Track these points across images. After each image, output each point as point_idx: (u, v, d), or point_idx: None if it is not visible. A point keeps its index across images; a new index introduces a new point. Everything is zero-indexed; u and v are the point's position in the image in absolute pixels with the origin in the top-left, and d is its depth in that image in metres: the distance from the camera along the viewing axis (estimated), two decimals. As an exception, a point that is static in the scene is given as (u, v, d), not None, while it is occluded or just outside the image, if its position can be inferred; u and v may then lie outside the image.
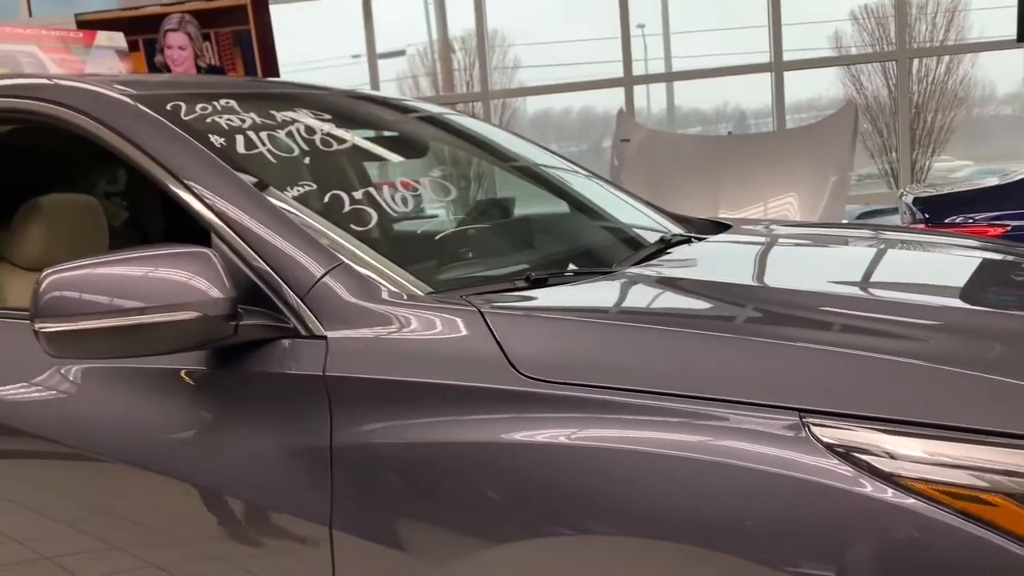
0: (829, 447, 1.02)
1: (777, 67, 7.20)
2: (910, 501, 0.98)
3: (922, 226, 3.62)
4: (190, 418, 1.40)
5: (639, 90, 7.87)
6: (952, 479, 0.98)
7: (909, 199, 3.96)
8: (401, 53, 11.74)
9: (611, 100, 8.67)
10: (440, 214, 2.04)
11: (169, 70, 4.86)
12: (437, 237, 1.74)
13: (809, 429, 1.04)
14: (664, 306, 1.40)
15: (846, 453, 1.01)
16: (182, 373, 1.41)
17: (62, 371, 1.53)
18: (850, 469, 1.00)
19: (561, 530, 1.12)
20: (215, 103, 1.70)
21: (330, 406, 1.28)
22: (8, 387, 1.59)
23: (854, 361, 1.10)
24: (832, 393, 1.06)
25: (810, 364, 1.11)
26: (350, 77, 9.49)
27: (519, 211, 2.30)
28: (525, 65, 10.27)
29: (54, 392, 1.54)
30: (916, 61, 9.97)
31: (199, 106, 1.67)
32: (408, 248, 1.72)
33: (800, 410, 1.05)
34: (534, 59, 10.45)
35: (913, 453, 1.00)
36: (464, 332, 1.27)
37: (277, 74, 5.83)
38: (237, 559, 1.38)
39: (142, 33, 5.23)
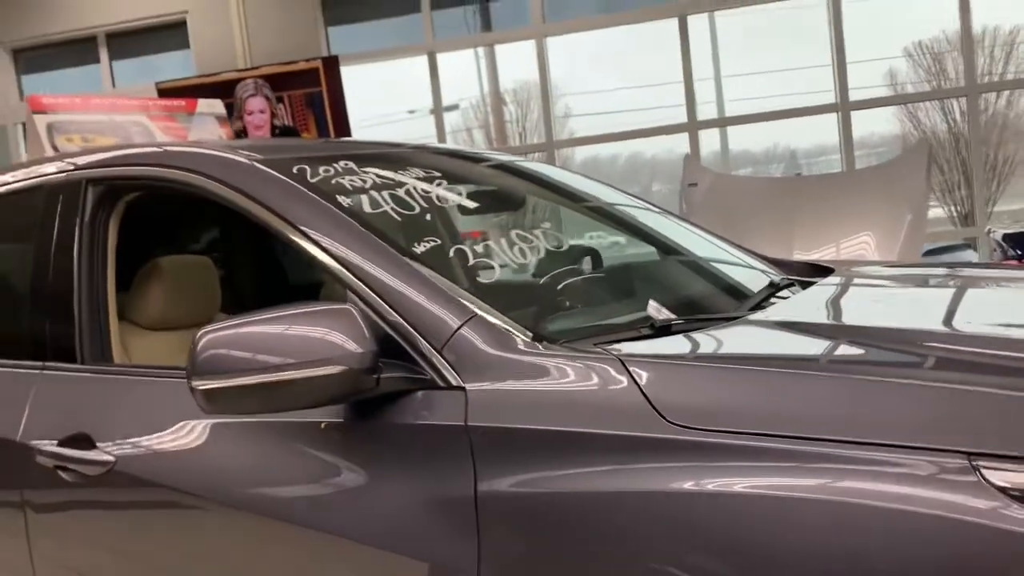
0: (1002, 490, 1.01)
1: (843, 107, 7.17)
2: None
3: (1015, 263, 3.55)
4: (331, 470, 1.43)
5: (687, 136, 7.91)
6: None
7: (999, 235, 3.89)
8: (455, 107, 11.99)
9: (656, 146, 8.67)
10: (543, 265, 2.08)
11: (247, 134, 5.05)
12: (559, 287, 1.77)
13: (980, 472, 1.02)
14: (801, 351, 1.40)
15: (1021, 496, 1.00)
16: (322, 425, 1.45)
17: (199, 426, 1.58)
18: None
19: None
20: (335, 165, 1.77)
21: (473, 456, 1.30)
22: (147, 444, 1.65)
23: (1016, 401, 1.08)
24: (1000, 435, 1.05)
25: (974, 406, 1.10)
26: (411, 131, 9.70)
27: (620, 258, 2.32)
28: (577, 114, 10.39)
29: (192, 447, 1.59)
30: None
31: (322, 168, 1.73)
32: (528, 298, 1.75)
33: (968, 453, 1.04)
34: (585, 108, 10.57)
35: None
36: (606, 380, 1.28)
37: (349, 132, 6.00)
38: None
39: (218, 98, 5.44)
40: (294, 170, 1.70)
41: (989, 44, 10.26)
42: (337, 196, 1.64)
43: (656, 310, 1.62)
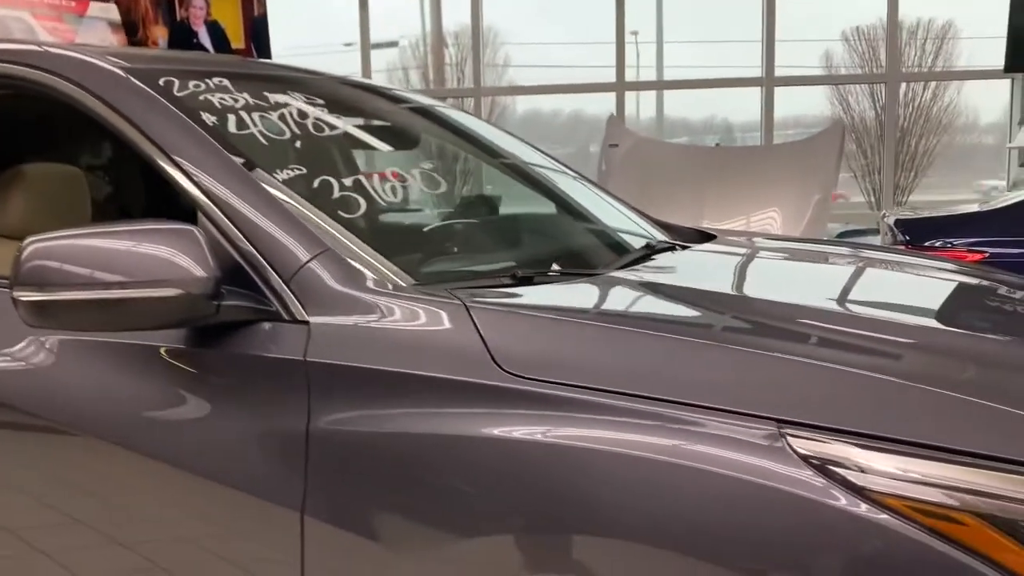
0: (805, 458, 1.03)
1: (768, 82, 7.26)
2: (881, 516, 0.99)
3: (903, 247, 3.67)
4: (167, 396, 1.39)
5: (628, 96, 7.90)
6: (924, 496, 0.99)
7: (891, 220, 4.01)
8: (394, 44, 11.70)
9: (600, 105, 8.70)
10: (428, 207, 2.04)
11: (189, 24, 4.88)
12: (425, 230, 1.74)
13: (786, 439, 1.04)
14: (646, 311, 1.40)
15: (821, 465, 1.02)
16: (162, 350, 1.40)
17: (40, 340, 1.51)
18: (824, 481, 1.01)
19: (529, 526, 1.12)
20: (207, 81, 1.69)
21: (309, 391, 1.27)
22: (-18, 355, 1.57)
23: (833, 375, 1.11)
24: (810, 405, 1.07)
25: (790, 375, 1.12)
26: (342, 66, 9.44)
27: (508, 209, 2.30)
28: (517, 64, 10.28)
29: (30, 362, 1.52)
30: (904, 86, 10.10)
31: (192, 83, 1.65)
32: (395, 239, 1.71)
33: (778, 420, 1.06)
34: (526, 58, 10.46)
35: (887, 469, 1.01)
36: (448, 325, 1.27)
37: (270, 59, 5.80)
38: (204, 541, 1.37)
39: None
40: (160, 82, 1.61)
41: (922, 36, 10.50)
42: (201, 113, 1.57)
43: (542, 265, 1.60)
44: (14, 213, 1.99)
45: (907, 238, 3.75)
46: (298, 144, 1.67)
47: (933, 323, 1.47)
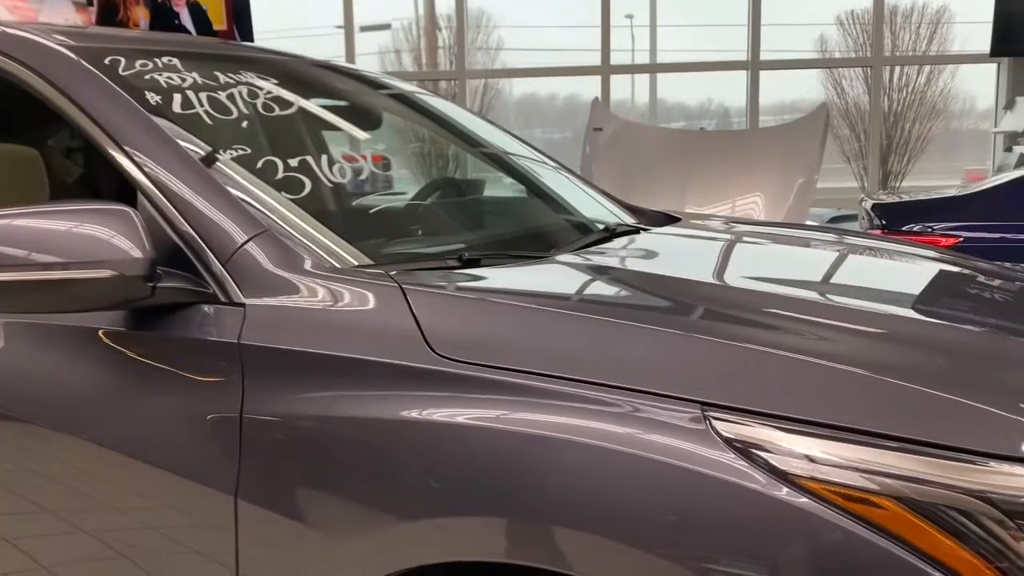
0: (728, 441, 1.02)
1: (753, 66, 7.22)
2: (801, 500, 0.98)
3: (878, 232, 3.65)
4: (104, 379, 1.38)
5: (625, 81, 7.86)
6: (844, 480, 0.98)
7: (868, 205, 3.99)
8: (386, 27, 11.61)
9: (595, 89, 8.66)
10: (391, 190, 2.02)
11: (172, 6, 4.84)
12: (375, 211, 1.72)
13: (710, 423, 1.04)
14: (585, 294, 1.39)
15: (744, 448, 1.02)
16: (100, 333, 1.39)
17: None
18: (747, 464, 1.01)
19: (459, 509, 1.11)
20: (157, 60, 1.67)
21: (243, 375, 1.26)
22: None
23: (758, 357, 1.10)
24: (735, 388, 1.06)
25: (716, 358, 1.11)
26: (334, 48, 9.38)
27: (473, 192, 2.28)
28: (509, 48, 10.21)
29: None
30: (897, 70, 10.04)
31: (139, 62, 1.63)
32: (343, 220, 1.70)
33: (703, 403, 1.05)
34: (519, 42, 10.39)
35: (808, 452, 1.00)
36: (382, 307, 1.26)
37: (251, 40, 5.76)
38: (144, 524, 1.36)
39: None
40: (106, 60, 1.59)
41: (916, 21, 10.42)
42: (146, 92, 1.55)
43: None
44: None
45: (883, 223, 3.73)
46: (245, 124, 1.65)
47: (872, 307, 1.46)
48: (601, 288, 1.44)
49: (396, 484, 1.16)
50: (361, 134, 2.13)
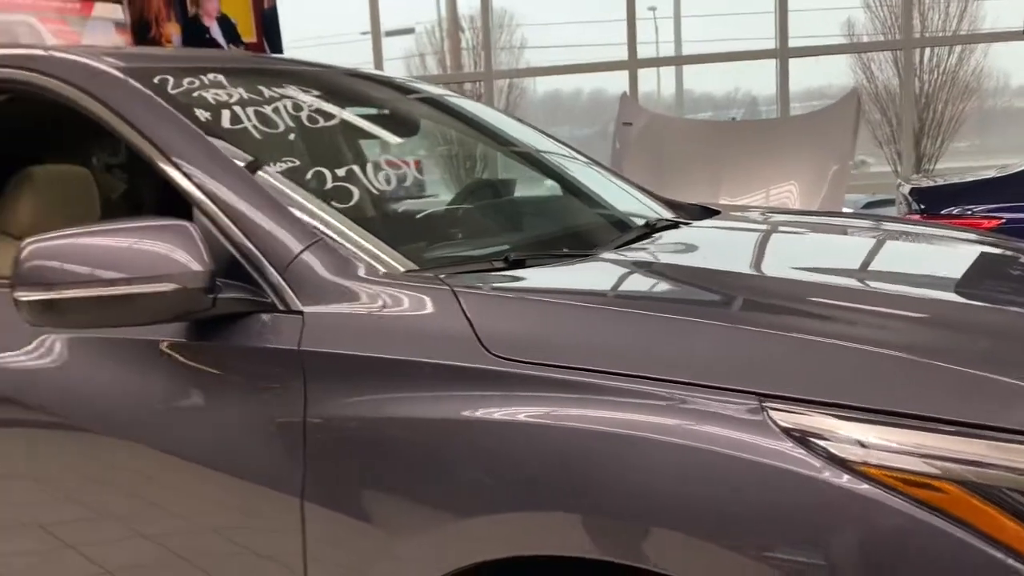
0: (786, 431, 1.04)
1: (782, 53, 7.15)
2: (863, 486, 0.99)
3: (917, 217, 3.62)
4: (168, 389, 1.42)
5: (651, 74, 7.82)
6: (904, 465, 0.99)
7: (906, 190, 3.95)
8: (410, 31, 11.68)
9: (623, 83, 8.64)
10: (427, 194, 2.06)
11: (200, 21, 4.94)
12: (421, 216, 1.76)
13: (768, 413, 1.05)
14: (634, 290, 1.41)
15: (802, 438, 1.03)
16: (162, 345, 1.43)
17: (48, 341, 1.55)
18: (806, 453, 1.02)
19: (519, 506, 1.14)
20: (203, 77, 1.71)
21: (304, 380, 1.30)
22: (-3, 355, 1.61)
23: (814, 347, 1.11)
24: (792, 379, 1.07)
25: (772, 350, 1.12)
26: (359, 55, 9.46)
27: (512, 193, 2.31)
28: (533, 46, 10.22)
29: (39, 361, 1.56)
30: (928, 51, 9.89)
31: (186, 80, 1.68)
32: (392, 226, 1.73)
33: (760, 394, 1.06)
34: (542, 40, 10.39)
35: (867, 439, 1.01)
36: (436, 311, 1.29)
37: (280, 51, 5.83)
38: (210, 529, 1.40)
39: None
40: (155, 80, 1.64)
41: (946, 0, 10.25)
42: (196, 109, 1.59)
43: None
44: (24, 215, 2.04)
45: (922, 207, 3.69)
46: (292, 137, 1.69)
47: (921, 292, 1.46)
48: (650, 284, 1.45)
49: (458, 482, 1.18)
50: (401, 140, 2.16)
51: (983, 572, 0.95)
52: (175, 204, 2.22)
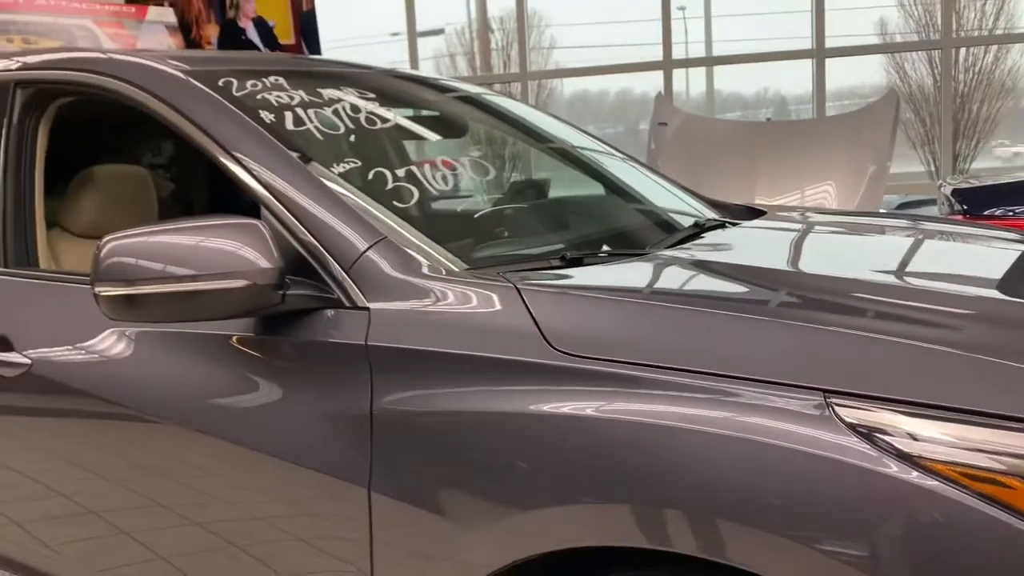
0: (852, 427, 1.05)
1: (819, 53, 7.11)
2: (930, 481, 1.01)
3: (960, 218, 3.60)
4: (238, 382, 1.47)
5: (678, 74, 7.80)
6: (971, 461, 1.01)
7: (948, 190, 3.93)
8: (439, 32, 11.74)
9: (648, 83, 8.62)
10: (479, 193, 2.09)
11: (236, 23, 5.01)
12: (476, 216, 1.79)
13: (833, 409, 1.07)
14: (694, 288, 1.43)
15: (868, 433, 1.05)
16: (233, 339, 1.48)
17: (118, 334, 1.61)
18: (871, 449, 1.04)
19: (584, 497, 1.16)
20: (264, 80, 1.76)
21: (371, 374, 1.33)
22: (66, 349, 1.67)
23: (878, 345, 1.13)
24: (856, 375, 1.09)
25: (836, 347, 1.14)
26: (389, 55, 9.53)
27: (556, 192, 2.33)
28: (562, 46, 10.23)
29: (109, 355, 1.62)
30: (964, 50, 9.77)
31: (250, 83, 1.72)
32: (448, 225, 1.77)
33: (825, 391, 1.08)
34: (571, 40, 10.41)
35: (933, 435, 1.03)
36: (500, 307, 1.32)
37: (319, 52, 5.90)
38: (277, 520, 1.44)
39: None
40: (220, 83, 1.69)
41: (982, -1, 10.10)
42: (260, 112, 1.64)
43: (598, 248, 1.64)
44: (87, 213, 2.10)
45: (965, 208, 3.67)
46: (352, 138, 1.73)
47: (983, 291, 1.47)
48: (707, 282, 1.47)
49: (523, 474, 1.21)
50: (453, 140, 2.20)
51: None
52: (228, 202, 2.28)
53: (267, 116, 1.63)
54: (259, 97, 1.69)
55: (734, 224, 1.99)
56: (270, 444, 1.41)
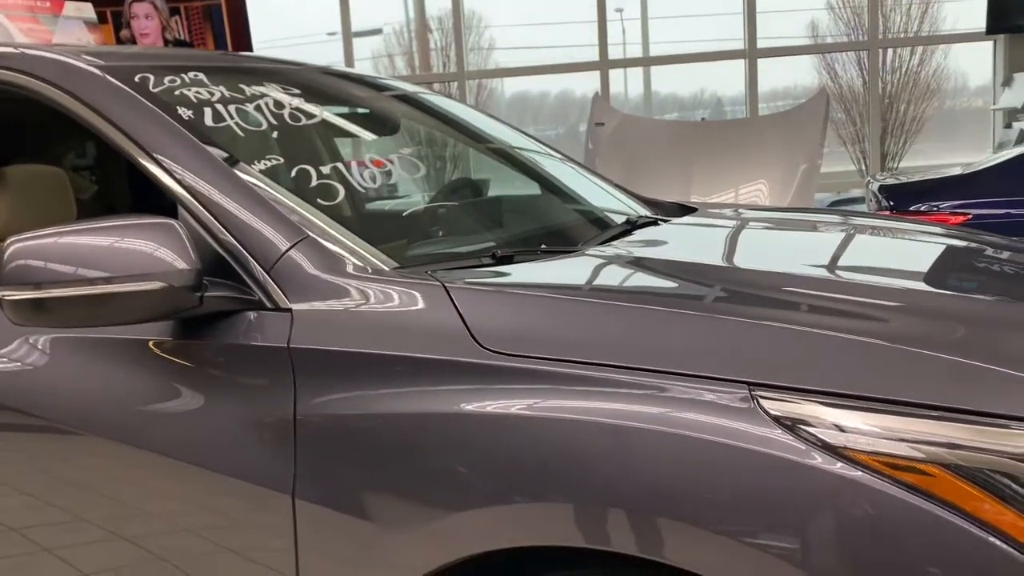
0: (776, 419, 1.06)
1: (751, 54, 7.25)
2: (854, 472, 1.02)
3: (887, 213, 3.69)
4: (156, 388, 1.41)
5: (617, 75, 7.88)
6: (891, 450, 1.02)
7: (875, 187, 4.03)
8: (378, 32, 11.62)
9: (589, 84, 8.67)
10: (411, 192, 2.06)
11: (135, 43, 4.81)
12: (405, 214, 1.76)
13: (758, 402, 1.07)
14: (621, 284, 1.43)
15: (792, 426, 1.05)
16: (150, 343, 1.42)
17: (30, 341, 1.53)
18: (796, 441, 1.04)
19: (515, 498, 1.15)
20: (184, 76, 1.70)
21: (294, 377, 1.29)
22: (-28, 356, 1.59)
23: (801, 337, 1.14)
24: (780, 367, 1.10)
25: (761, 340, 1.15)
26: (326, 55, 9.39)
27: (491, 191, 2.32)
28: (501, 47, 10.23)
29: (20, 362, 1.54)
30: (890, 52, 10.06)
31: (167, 78, 1.67)
32: (375, 224, 1.74)
33: (750, 383, 1.08)
34: (511, 41, 10.41)
35: (856, 425, 1.04)
36: (427, 306, 1.29)
37: (250, 50, 5.76)
38: (204, 531, 1.39)
39: (110, 5, 5.11)
40: (136, 79, 1.62)
41: (906, 1, 10.43)
42: (178, 108, 1.58)
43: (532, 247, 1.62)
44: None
45: (891, 204, 3.77)
46: (275, 135, 1.69)
47: (897, 283, 1.50)
48: (637, 278, 1.47)
49: (454, 474, 1.19)
50: (382, 138, 2.16)
51: (969, 552, 0.97)
52: (152, 203, 2.20)
53: (185, 112, 1.58)
54: (177, 93, 1.63)
55: (665, 221, 2.00)
56: (193, 452, 1.36)
